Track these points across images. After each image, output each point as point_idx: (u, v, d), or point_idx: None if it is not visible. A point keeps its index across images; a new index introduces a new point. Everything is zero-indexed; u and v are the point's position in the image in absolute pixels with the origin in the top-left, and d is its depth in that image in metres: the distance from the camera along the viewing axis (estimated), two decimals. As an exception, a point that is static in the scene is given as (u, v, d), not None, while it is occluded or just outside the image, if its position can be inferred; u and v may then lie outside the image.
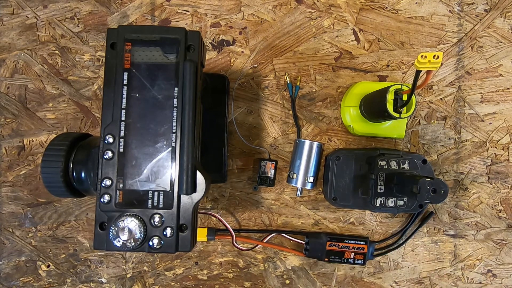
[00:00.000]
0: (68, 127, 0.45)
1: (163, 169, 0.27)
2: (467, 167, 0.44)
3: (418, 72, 0.29)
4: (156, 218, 0.26)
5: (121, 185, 0.27)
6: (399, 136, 0.43)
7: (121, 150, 0.27)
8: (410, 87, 0.32)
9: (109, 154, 0.27)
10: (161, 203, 0.27)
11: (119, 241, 0.26)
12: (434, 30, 0.44)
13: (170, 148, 0.27)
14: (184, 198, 0.27)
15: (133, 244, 0.26)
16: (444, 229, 0.45)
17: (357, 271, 0.45)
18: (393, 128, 0.42)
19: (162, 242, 0.26)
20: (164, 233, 0.26)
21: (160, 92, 0.27)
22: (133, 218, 0.26)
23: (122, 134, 0.27)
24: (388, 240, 0.45)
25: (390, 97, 0.35)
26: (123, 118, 0.27)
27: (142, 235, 0.26)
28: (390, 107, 0.35)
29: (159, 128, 0.27)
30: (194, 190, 0.27)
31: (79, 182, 0.30)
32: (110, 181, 0.27)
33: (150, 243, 0.26)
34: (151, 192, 0.27)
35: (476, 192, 0.44)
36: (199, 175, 0.27)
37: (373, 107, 0.39)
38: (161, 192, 0.27)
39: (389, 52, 0.44)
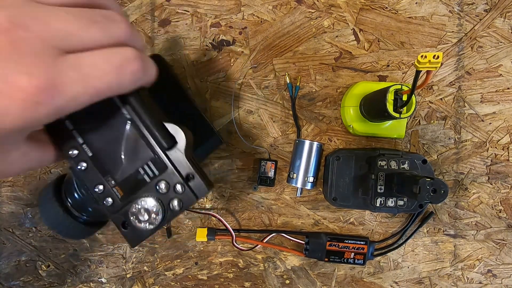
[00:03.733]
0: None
1: (135, 143, 0.26)
2: (467, 167, 0.44)
3: (418, 72, 0.29)
4: (162, 185, 0.26)
5: (112, 182, 0.27)
6: (399, 136, 0.43)
7: (90, 154, 0.27)
8: (410, 87, 0.32)
9: (83, 164, 0.26)
10: (155, 171, 0.26)
11: (145, 226, 0.26)
12: (434, 30, 0.44)
13: (130, 122, 0.26)
14: (172, 153, 0.26)
15: (158, 218, 0.26)
16: (444, 229, 0.45)
17: (357, 271, 0.45)
18: (393, 128, 0.42)
19: (182, 200, 0.26)
20: (176, 191, 0.26)
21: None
22: (141, 199, 0.26)
23: (80, 141, 0.26)
24: (388, 240, 0.45)
25: (390, 97, 0.35)
26: (71, 128, 0.26)
27: (159, 207, 0.26)
28: (390, 107, 0.35)
29: (110, 115, 0.26)
30: (173, 141, 0.26)
31: (84, 211, 0.30)
32: (102, 185, 0.27)
33: (171, 207, 0.26)
34: (141, 169, 0.26)
35: (476, 192, 0.44)
36: (170, 126, 0.26)
37: (373, 107, 0.39)
38: (148, 163, 0.27)
39: (389, 52, 0.44)
